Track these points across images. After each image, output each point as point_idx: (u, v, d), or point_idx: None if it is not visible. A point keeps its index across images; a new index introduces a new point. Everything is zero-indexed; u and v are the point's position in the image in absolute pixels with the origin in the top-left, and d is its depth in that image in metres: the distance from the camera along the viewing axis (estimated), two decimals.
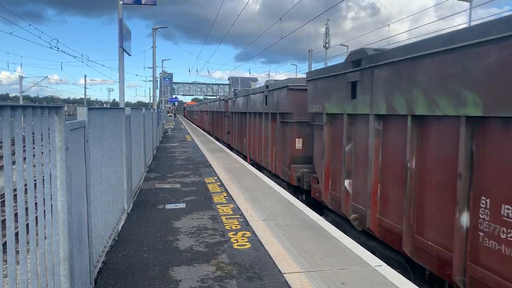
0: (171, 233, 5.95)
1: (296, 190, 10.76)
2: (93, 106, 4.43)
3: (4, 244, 5.83)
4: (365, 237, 6.81)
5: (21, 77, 50.30)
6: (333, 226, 6.28)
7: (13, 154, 2.34)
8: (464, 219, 4.42)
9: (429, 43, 4.99)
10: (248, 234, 5.86)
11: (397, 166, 5.83)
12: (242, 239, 5.62)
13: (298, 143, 11.06)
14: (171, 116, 51.82)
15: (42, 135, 2.62)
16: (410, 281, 4.37)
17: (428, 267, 5.12)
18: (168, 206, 7.56)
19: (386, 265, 4.69)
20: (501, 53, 3.92)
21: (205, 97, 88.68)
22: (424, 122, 5.23)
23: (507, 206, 3.94)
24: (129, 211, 7.06)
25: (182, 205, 7.64)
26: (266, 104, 13.46)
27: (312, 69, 21.63)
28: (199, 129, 41.68)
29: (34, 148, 2.51)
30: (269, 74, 75.96)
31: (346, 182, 7.39)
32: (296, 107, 10.89)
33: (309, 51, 38.05)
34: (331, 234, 5.80)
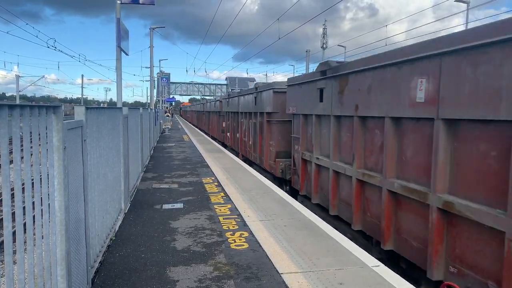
0: (168, 233, 5.94)
1: (224, 145, 23.48)
2: (91, 106, 4.42)
3: (1, 243, 5.80)
4: (234, 152, 19.82)
5: (18, 77, 50.09)
6: (331, 227, 6.30)
7: (10, 153, 2.33)
8: (238, 135, 19.49)
9: (231, 94, 22.76)
10: (246, 234, 5.86)
11: (232, 126, 21.74)
12: (239, 239, 5.61)
13: (224, 124, 24.71)
14: (168, 116, 51.73)
15: (39, 134, 2.61)
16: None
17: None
18: (166, 206, 7.56)
19: (384, 265, 4.70)
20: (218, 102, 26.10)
21: (202, 97, 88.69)
22: (236, 114, 20.31)
23: (229, 134, 22.56)
24: (126, 211, 7.05)
25: (179, 205, 7.64)
26: (214, 107, 30.26)
27: (310, 71, 31.01)
28: (196, 129, 41.68)
29: (31, 147, 2.51)
30: (266, 75, 76.02)
31: (228, 134, 22.84)
32: (222, 108, 25.67)
33: (306, 51, 38.08)
34: (329, 234, 5.80)
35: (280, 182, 12.45)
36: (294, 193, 10.62)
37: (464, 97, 4.55)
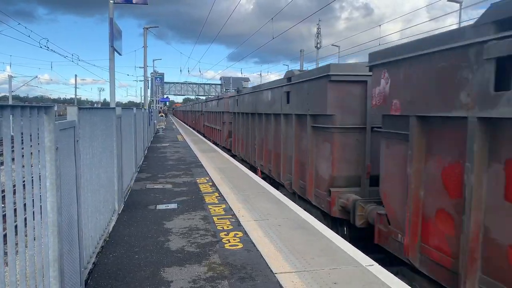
0: (162, 233, 5.92)
1: (193, 129, 40.83)
2: (84, 106, 4.39)
3: None
4: (196, 131, 37.78)
5: (10, 77, 49.64)
6: (325, 226, 6.31)
7: (1, 154, 2.32)
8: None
9: (195, 101, 52.33)
10: (240, 234, 5.86)
11: (196, 117, 42.88)
12: (234, 240, 5.61)
13: (194, 118, 45.43)
14: (162, 116, 51.57)
15: (31, 135, 2.59)
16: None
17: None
18: (160, 207, 7.53)
19: (378, 264, 4.72)
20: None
21: (196, 97, 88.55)
22: (196, 112, 42.90)
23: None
24: (120, 212, 7.01)
25: (173, 206, 7.61)
26: (191, 108, 52.71)
27: (304, 70, 34.10)
28: (190, 128, 41.73)
29: (23, 148, 2.48)
30: (261, 74, 76.09)
31: (194, 122, 44.34)
32: (192, 109, 50.05)
33: (300, 51, 38.18)
34: (323, 234, 5.81)
35: (209, 139, 26.71)
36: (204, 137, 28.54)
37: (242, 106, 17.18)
